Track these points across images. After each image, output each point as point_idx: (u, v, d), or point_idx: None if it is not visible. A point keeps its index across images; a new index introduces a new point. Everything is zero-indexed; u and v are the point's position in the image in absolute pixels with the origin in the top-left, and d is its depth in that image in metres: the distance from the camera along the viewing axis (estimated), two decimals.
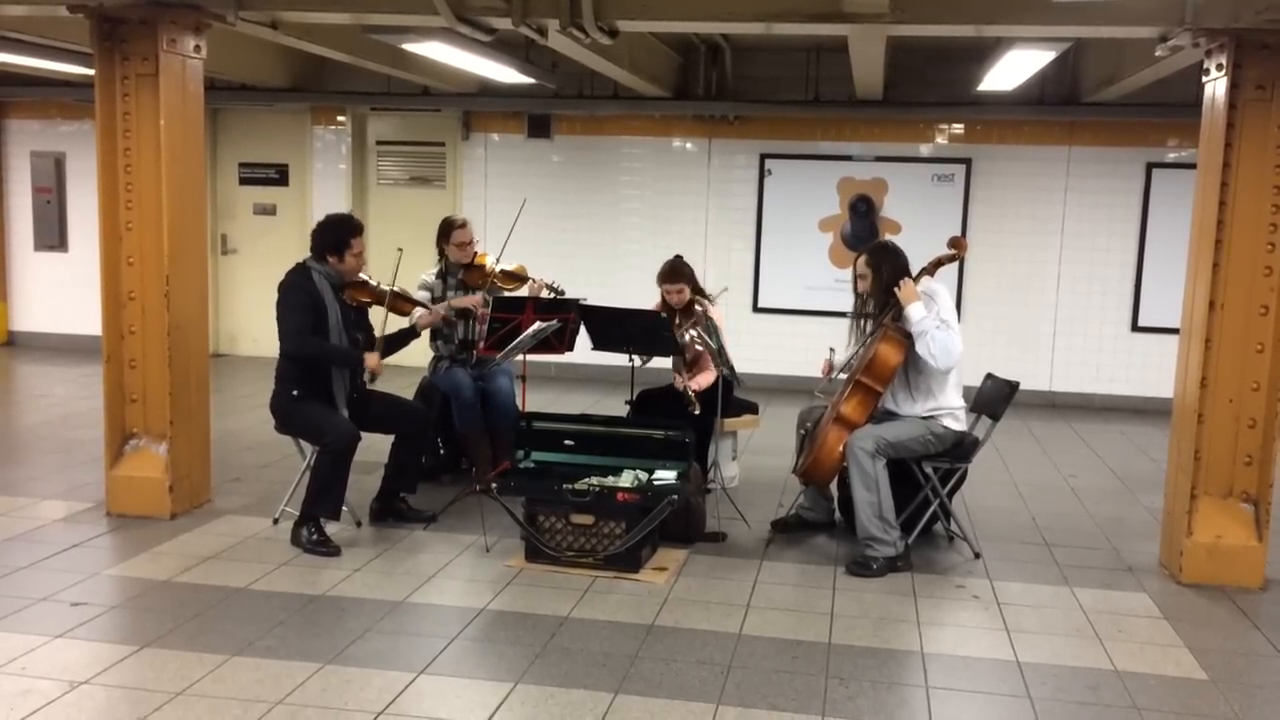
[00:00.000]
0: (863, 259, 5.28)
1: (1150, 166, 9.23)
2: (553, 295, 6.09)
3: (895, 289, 5.07)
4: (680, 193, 9.94)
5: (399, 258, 5.44)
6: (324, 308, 5.14)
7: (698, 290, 6.05)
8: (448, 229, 6.18)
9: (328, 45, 7.34)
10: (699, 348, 5.65)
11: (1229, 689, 3.93)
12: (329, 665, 3.86)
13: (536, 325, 5.54)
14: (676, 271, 6.00)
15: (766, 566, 5.10)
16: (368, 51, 7.84)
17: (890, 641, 4.26)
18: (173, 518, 5.47)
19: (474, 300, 6.03)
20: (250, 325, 10.70)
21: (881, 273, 5.17)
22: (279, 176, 10.70)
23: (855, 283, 5.34)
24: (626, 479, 5.13)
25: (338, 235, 5.23)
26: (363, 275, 5.38)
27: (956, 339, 4.98)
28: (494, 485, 5.15)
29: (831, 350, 5.49)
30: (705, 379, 5.86)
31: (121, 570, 4.79)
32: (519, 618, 4.37)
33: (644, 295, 7.57)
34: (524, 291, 6.13)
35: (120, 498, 5.52)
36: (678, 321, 5.86)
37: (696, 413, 5.62)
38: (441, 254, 6.22)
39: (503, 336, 5.68)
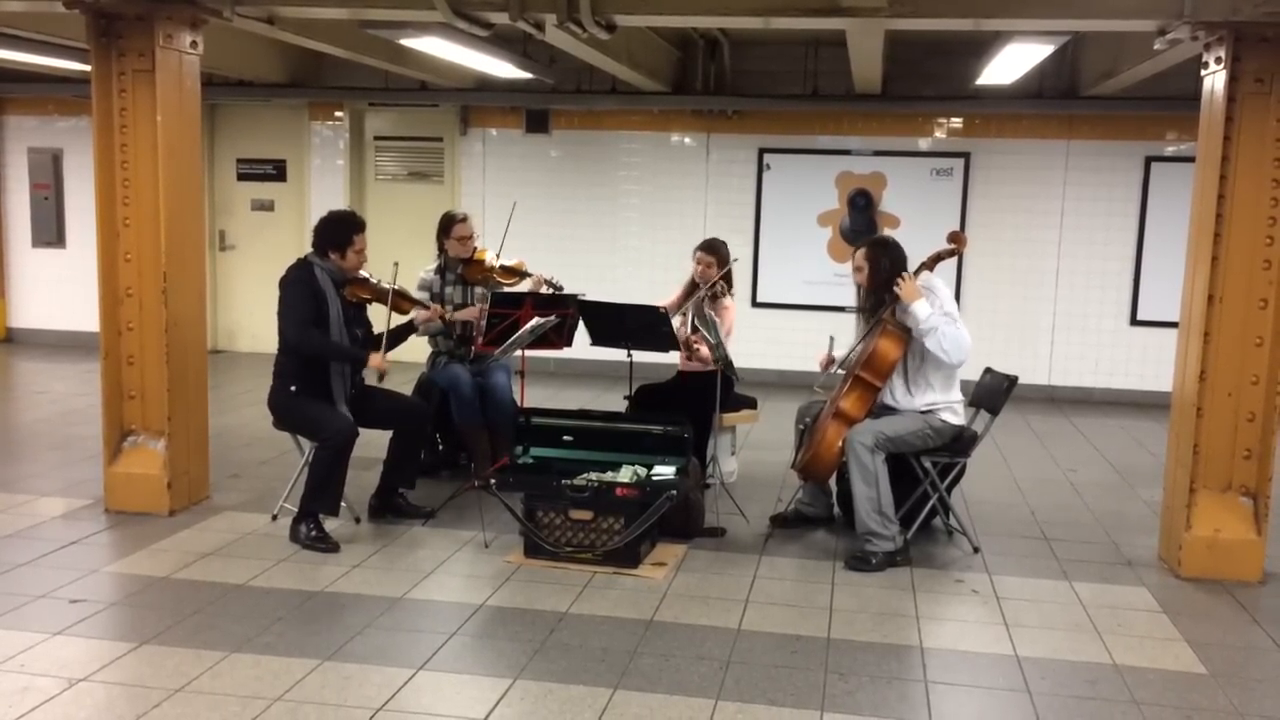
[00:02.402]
0: (861, 251, 5.28)
1: (1149, 160, 9.22)
2: (552, 291, 6.09)
3: (896, 285, 5.06)
4: (679, 187, 9.92)
5: (395, 272, 5.42)
6: (325, 303, 5.14)
7: (725, 278, 6.10)
8: (448, 224, 6.17)
9: (325, 40, 7.32)
10: (688, 328, 5.69)
11: (1228, 683, 3.93)
12: (328, 661, 3.86)
13: (535, 321, 5.54)
14: (713, 247, 6.18)
15: (765, 561, 5.10)
16: (365, 47, 7.82)
17: (889, 636, 4.26)
18: (171, 514, 5.47)
19: (473, 313, 6.01)
20: (248, 321, 10.69)
21: (879, 266, 5.17)
22: (277, 172, 10.68)
23: (855, 275, 5.34)
24: (625, 474, 5.13)
25: (340, 232, 5.22)
26: (364, 272, 5.38)
27: (965, 332, 4.98)
28: (493, 481, 5.15)
29: (831, 339, 5.47)
30: (707, 351, 5.85)
31: (120, 567, 4.79)
32: (518, 613, 4.37)
33: (643, 290, 7.60)
34: (524, 287, 6.13)
35: (119, 494, 5.52)
36: (694, 295, 5.97)
37: (689, 358, 5.76)
38: (441, 249, 6.21)
39: (501, 332, 5.68)
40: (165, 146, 5.32)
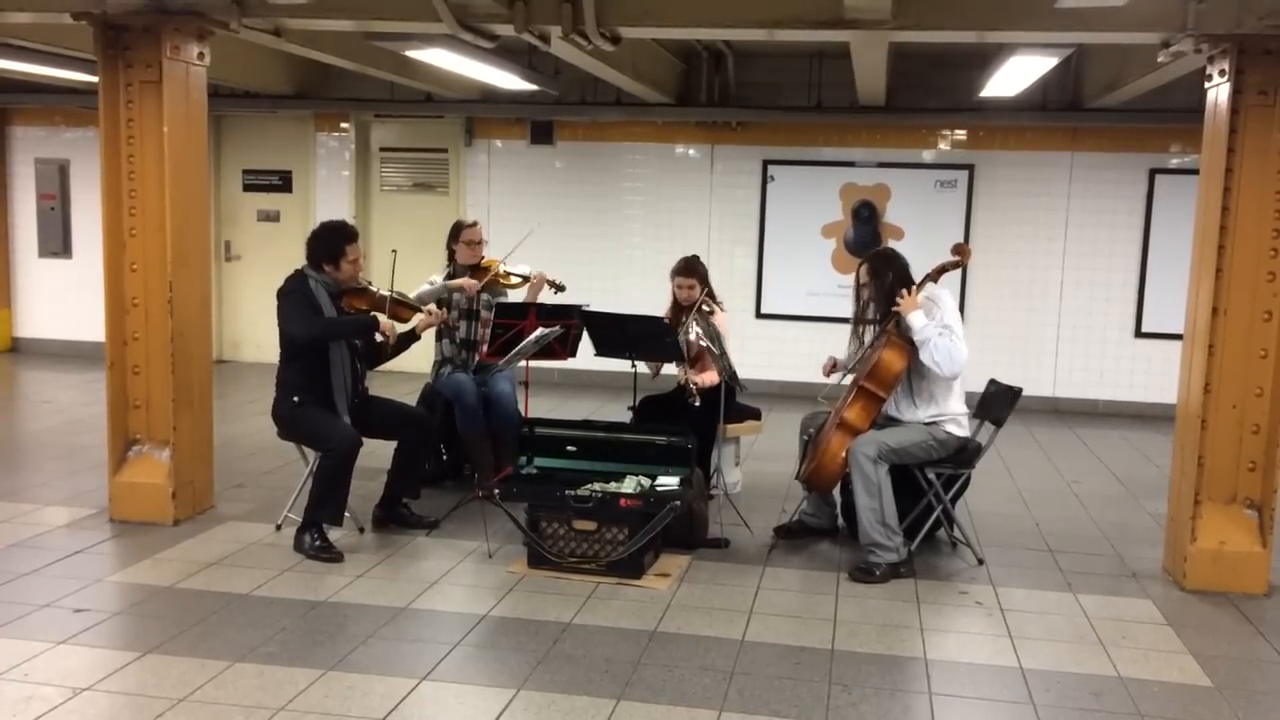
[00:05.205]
0: (865, 266, 5.30)
1: (1153, 172, 9.22)
2: (555, 290, 6.14)
3: (898, 298, 5.06)
4: (683, 199, 9.94)
5: (394, 259, 5.44)
6: (321, 315, 5.14)
7: (709, 293, 6.08)
8: (458, 229, 6.25)
9: (331, 52, 7.35)
10: (702, 344, 5.65)
11: (1233, 695, 3.91)
12: (331, 671, 3.86)
13: (539, 331, 5.56)
14: (691, 268, 6.10)
15: (769, 572, 5.09)
16: (371, 58, 7.85)
17: (893, 648, 4.26)
18: (175, 524, 5.48)
19: (468, 283, 6.02)
20: (253, 331, 10.71)
21: (884, 279, 5.18)
22: (283, 183, 10.72)
23: (857, 290, 5.35)
24: (629, 485, 5.13)
25: (333, 244, 5.23)
26: (361, 281, 5.38)
27: (961, 345, 4.98)
28: (496, 491, 5.15)
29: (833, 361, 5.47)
30: (710, 377, 5.86)
31: (124, 576, 4.80)
32: (521, 624, 4.37)
33: (647, 301, 7.60)
34: (526, 288, 6.17)
35: (123, 504, 5.53)
36: (682, 319, 5.89)
37: (696, 404, 5.65)
38: (451, 256, 6.25)
39: (505, 342, 5.69)
40: (172, 157, 5.34)
